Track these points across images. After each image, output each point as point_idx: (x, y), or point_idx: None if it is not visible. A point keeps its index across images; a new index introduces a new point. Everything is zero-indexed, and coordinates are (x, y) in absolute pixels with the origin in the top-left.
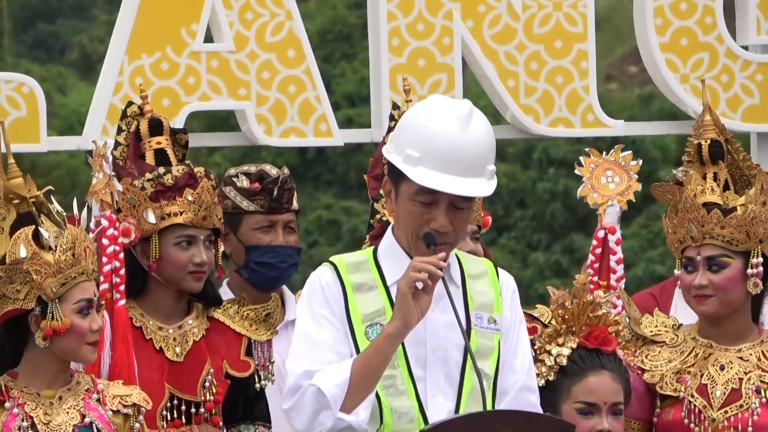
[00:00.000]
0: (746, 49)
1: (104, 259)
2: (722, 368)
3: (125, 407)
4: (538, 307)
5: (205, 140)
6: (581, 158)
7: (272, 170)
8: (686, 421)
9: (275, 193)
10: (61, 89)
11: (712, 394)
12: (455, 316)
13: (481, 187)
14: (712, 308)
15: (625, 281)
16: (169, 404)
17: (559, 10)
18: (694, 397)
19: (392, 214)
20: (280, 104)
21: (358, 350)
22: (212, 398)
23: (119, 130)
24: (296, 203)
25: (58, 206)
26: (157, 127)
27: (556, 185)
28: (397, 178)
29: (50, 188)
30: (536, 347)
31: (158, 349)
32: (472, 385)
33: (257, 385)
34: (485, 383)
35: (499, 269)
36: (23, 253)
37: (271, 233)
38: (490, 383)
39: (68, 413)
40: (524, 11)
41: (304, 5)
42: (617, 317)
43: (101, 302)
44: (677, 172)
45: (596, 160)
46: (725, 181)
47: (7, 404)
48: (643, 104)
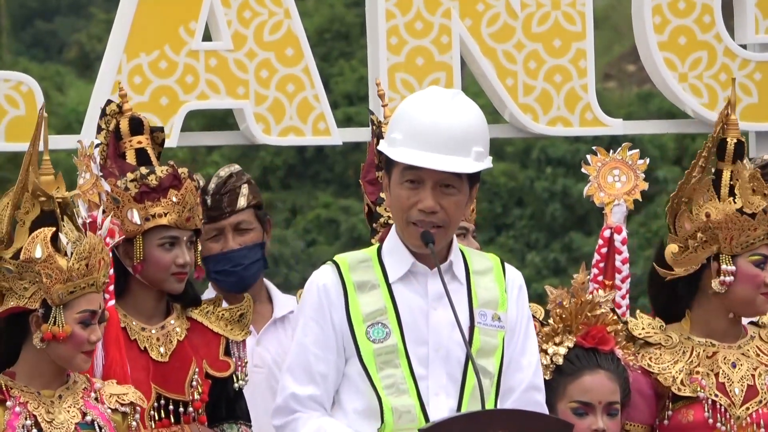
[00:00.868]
0: (744, 47)
1: None
2: (734, 365)
3: (122, 406)
4: (530, 305)
5: (203, 139)
6: (588, 157)
7: (221, 172)
8: (711, 420)
9: (209, 202)
10: (59, 88)
11: (731, 391)
12: (454, 315)
13: (462, 164)
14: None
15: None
16: (156, 404)
17: (557, 8)
18: (718, 396)
19: (390, 209)
20: (278, 103)
21: (357, 350)
22: (199, 397)
23: (99, 128)
24: (244, 201)
25: (83, 211)
26: (137, 126)
27: (554, 184)
28: (388, 168)
29: (77, 192)
30: None
31: (143, 349)
32: (474, 383)
33: (236, 384)
34: (488, 381)
35: (506, 265)
36: (38, 253)
37: (221, 240)
38: (493, 381)
39: (69, 411)
40: (523, 10)
41: (302, 4)
42: (622, 317)
43: (105, 314)
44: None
45: (603, 158)
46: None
47: (8, 403)
48: (641, 103)
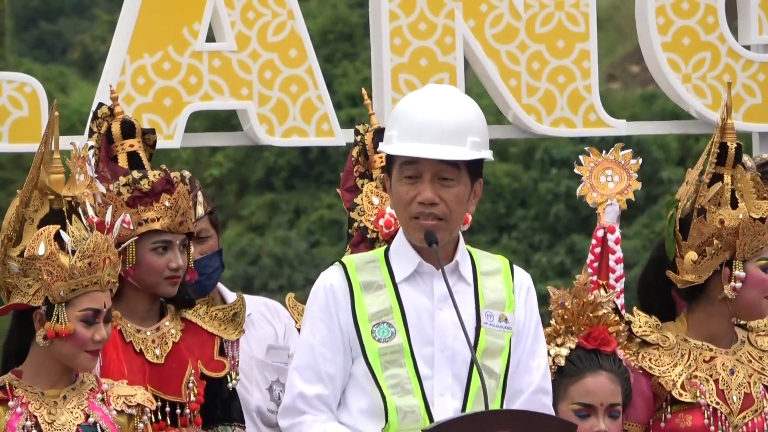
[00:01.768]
0: (748, 48)
1: None
2: (732, 373)
3: (129, 407)
4: None
5: (207, 140)
6: (581, 157)
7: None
8: (712, 428)
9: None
10: (62, 89)
11: (729, 399)
12: (458, 316)
13: (457, 152)
14: None
15: (625, 280)
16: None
17: (560, 9)
18: (719, 404)
19: (393, 209)
20: (282, 104)
21: (363, 349)
22: (195, 399)
23: (90, 131)
24: (201, 209)
25: (90, 211)
26: (129, 129)
27: (558, 185)
28: (388, 168)
29: (87, 191)
30: None
31: (138, 351)
32: (480, 384)
33: (229, 384)
34: (494, 382)
35: (515, 267)
36: (41, 250)
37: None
38: (499, 382)
39: (72, 413)
40: (526, 11)
41: (305, 5)
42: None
43: (112, 313)
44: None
45: (596, 159)
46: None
47: (11, 403)
48: (645, 104)
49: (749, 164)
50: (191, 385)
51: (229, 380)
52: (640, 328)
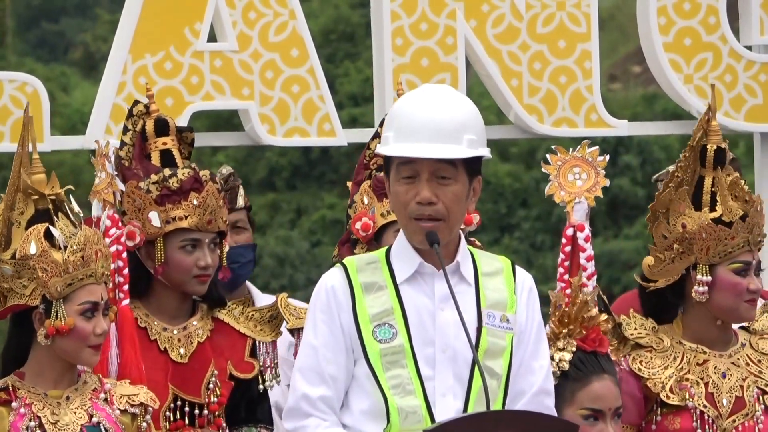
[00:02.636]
0: (750, 49)
1: None
2: (724, 375)
3: (132, 407)
4: None
5: (208, 140)
6: (548, 156)
7: (223, 170)
8: (700, 431)
9: None
10: (64, 88)
11: (719, 402)
12: (459, 317)
13: (454, 150)
14: (756, 312)
15: (596, 278)
16: (172, 405)
17: (562, 9)
18: (707, 407)
19: (393, 210)
20: (283, 104)
21: (364, 350)
22: (216, 400)
23: (125, 129)
24: (242, 201)
25: (76, 206)
26: (163, 127)
27: None
28: (386, 170)
29: (70, 187)
30: None
31: (162, 350)
32: (481, 384)
33: (261, 386)
34: (495, 382)
35: (517, 267)
36: (32, 249)
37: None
38: (500, 383)
39: (75, 413)
40: (528, 11)
41: (307, 5)
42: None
43: (110, 306)
44: (667, 171)
45: (563, 157)
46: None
47: (14, 404)
48: (646, 104)
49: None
50: (212, 385)
51: (260, 382)
52: (635, 330)
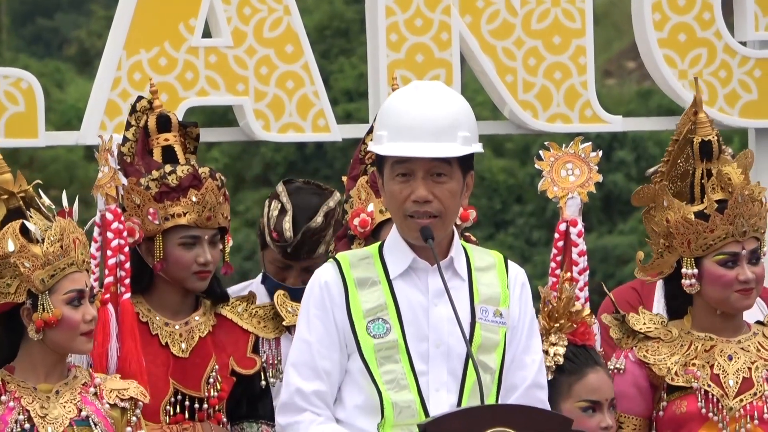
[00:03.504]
0: (744, 44)
1: (109, 252)
2: (730, 358)
3: (122, 401)
4: None
5: (203, 135)
6: (541, 152)
7: (331, 202)
8: (704, 411)
9: (288, 249)
10: (59, 84)
11: (725, 383)
12: (454, 312)
13: (449, 149)
14: (753, 300)
15: (588, 273)
16: (172, 399)
17: (557, 5)
18: (711, 386)
19: (387, 207)
20: (278, 99)
21: (358, 345)
22: (216, 394)
23: (128, 125)
24: (323, 249)
25: (47, 200)
26: (165, 123)
27: None
28: (380, 168)
29: (38, 182)
30: None
31: (164, 344)
32: (475, 379)
33: (263, 382)
34: (488, 377)
35: (509, 262)
36: (11, 247)
37: (285, 272)
38: (494, 377)
39: (65, 407)
40: (522, 7)
41: (301, 0)
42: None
43: (95, 293)
44: (658, 168)
45: (556, 153)
46: (740, 172)
47: (3, 398)
48: (641, 100)
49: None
50: (212, 380)
51: (262, 378)
52: (644, 325)
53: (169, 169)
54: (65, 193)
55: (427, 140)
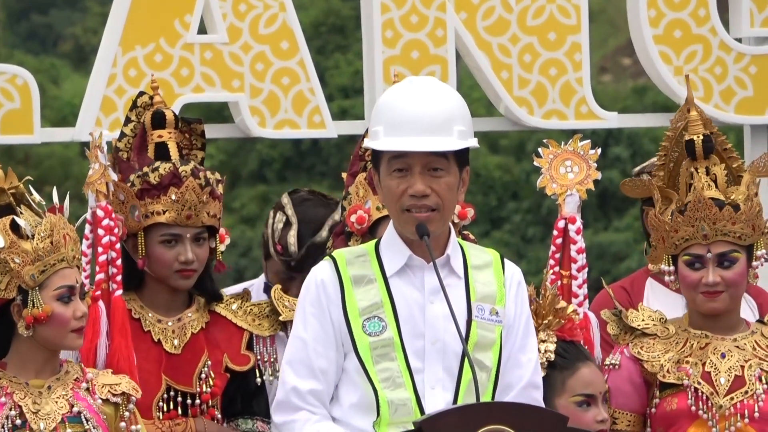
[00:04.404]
0: (740, 41)
1: (99, 249)
2: (723, 356)
3: (114, 396)
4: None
5: None
6: (540, 149)
7: (292, 243)
8: (693, 408)
9: (292, 263)
10: (54, 81)
11: (716, 381)
12: (449, 310)
13: (446, 143)
14: (723, 304)
15: (587, 270)
16: (165, 395)
17: (552, 2)
18: (701, 384)
19: (384, 203)
20: (273, 96)
21: (354, 344)
22: (209, 390)
23: (128, 120)
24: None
25: (37, 196)
26: (159, 120)
27: None
28: (376, 163)
29: (29, 179)
30: None
31: (156, 341)
32: (471, 377)
33: (258, 379)
34: (485, 375)
35: (506, 260)
36: (1, 242)
37: (288, 283)
38: (490, 375)
39: (57, 402)
40: (518, 3)
41: None
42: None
43: (85, 289)
44: (648, 165)
45: (555, 150)
46: (725, 174)
47: None
48: (636, 96)
49: (651, 167)
50: (204, 375)
51: (257, 375)
52: (642, 321)
53: (153, 166)
54: (56, 190)
55: (423, 135)
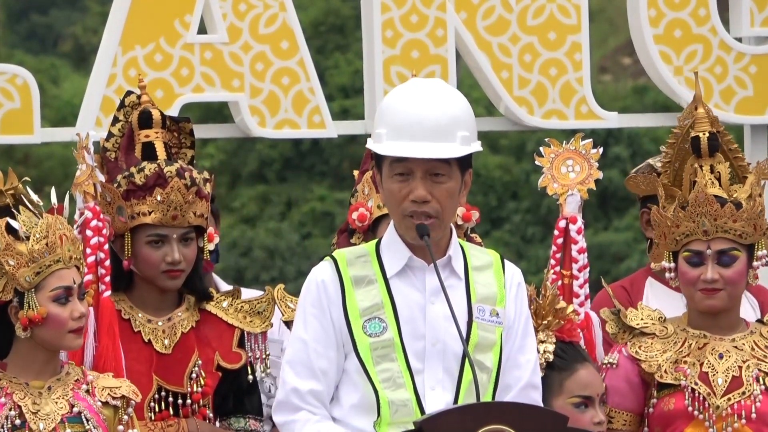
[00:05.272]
0: (740, 41)
1: (88, 250)
2: (721, 357)
3: (114, 399)
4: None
5: (198, 132)
6: (541, 149)
7: None
8: (690, 408)
9: None
10: (54, 81)
11: (713, 381)
12: (450, 311)
13: (449, 149)
14: (721, 302)
15: (588, 270)
16: (156, 396)
17: (552, 1)
18: (698, 384)
19: (385, 204)
20: (273, 96)
21: (354, 344)
22: (200, 390)
23: (115, 120)
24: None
25: (34, 196)
26: (146, 119)
27: None
28: (378, 164)
29: (26, 179)
30: None
31: (146, 341)
32: (471, 377)
33: (250, 377)
34: (485, 376)
35: (506, 262)
36: None
37: None
38: (490, 376)
39: (57, 403)
40: (518, 3)
41: None
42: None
43: (84, 290)
44: (653, 162)
45: (556, 149)
46: (729, 173)
47: None
48: (636, 96)
49: (657, 166)
50: (195, 375)
51: (249, 372)
52: (641, 320)
53: (138, 167)
54: (54, 190)
55: (426, 140)
